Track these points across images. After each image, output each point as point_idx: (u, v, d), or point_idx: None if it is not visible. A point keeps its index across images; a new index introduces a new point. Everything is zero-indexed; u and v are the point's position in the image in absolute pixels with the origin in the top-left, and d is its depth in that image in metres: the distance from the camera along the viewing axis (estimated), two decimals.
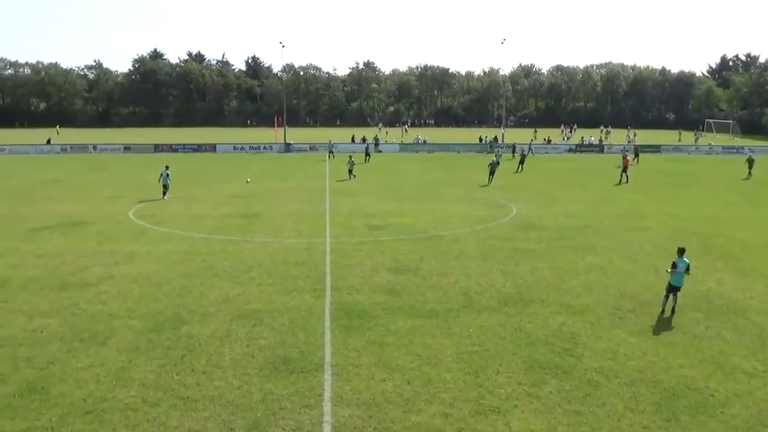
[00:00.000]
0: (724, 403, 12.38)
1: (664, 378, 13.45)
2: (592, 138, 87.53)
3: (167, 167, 38.50)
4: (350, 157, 51.67)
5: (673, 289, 17.26)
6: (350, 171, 49.12)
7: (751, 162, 52.89)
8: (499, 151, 63.55)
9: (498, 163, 47.97)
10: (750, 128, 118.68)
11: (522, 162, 56.75)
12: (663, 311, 17.41)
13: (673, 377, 13.50)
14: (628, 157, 50.02)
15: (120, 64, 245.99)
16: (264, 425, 11.32)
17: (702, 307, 18.08)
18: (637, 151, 65.62)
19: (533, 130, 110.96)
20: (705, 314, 17.52)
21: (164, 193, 37.54)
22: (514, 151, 69.36)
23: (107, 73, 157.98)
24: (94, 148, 77.64)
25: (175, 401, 12.20)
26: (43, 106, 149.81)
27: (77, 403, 12.12)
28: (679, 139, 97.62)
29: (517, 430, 11.26)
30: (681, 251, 17.67)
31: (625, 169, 47.85)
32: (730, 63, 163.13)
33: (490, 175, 46.75)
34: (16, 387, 12.77)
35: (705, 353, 14.83)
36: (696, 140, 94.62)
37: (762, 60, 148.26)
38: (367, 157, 62.32)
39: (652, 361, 14.35)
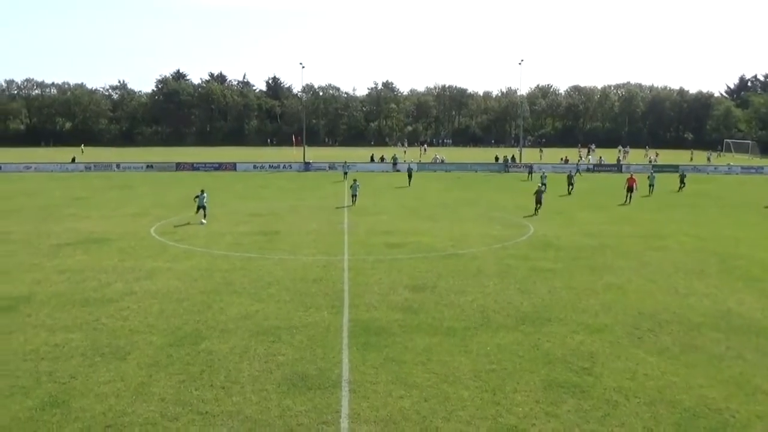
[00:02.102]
0: (745, 424, 12.16)
1: (683, 398, 13.25)
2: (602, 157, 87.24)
3: (203, 191, 36.59)
4: (354, 180, 46.18)
5: None
6: (354, 196, 43.95)
7: None
8: (544, 175, 55.39)
9: (544, 190, 41.49)
10: None
11: (571, 184, 54.08)
12: None
13: (693, 397, 13.29)
14: (633, 177, 49.08)
15: (144, 84, 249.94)
16: None
17: (722, 327, 17.82)
18: (683, 175, 59.48)
19: (539, 149, 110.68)
20: (725, 334, 17.26)
21: (204, 215, 35.53)
22: (530, 172, 69.26)
23: (131, 93, 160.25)
24: (118, 166, 78.64)
25: (194, 416, 12.21)
26: (68, 125, 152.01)
27: (97, 417, 12.16)
28: (691, 159, 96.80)
29: None
30: None
31: (630, 189, 47.00)
32: (749, 83, 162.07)
33: (537, 203, 40.04)
34: (38, 401, 12.85)
35: (725, 374, 14.59)
36: (708, 160, 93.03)
37: None
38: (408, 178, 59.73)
39: (671, 381, 14.14)
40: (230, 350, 15.68)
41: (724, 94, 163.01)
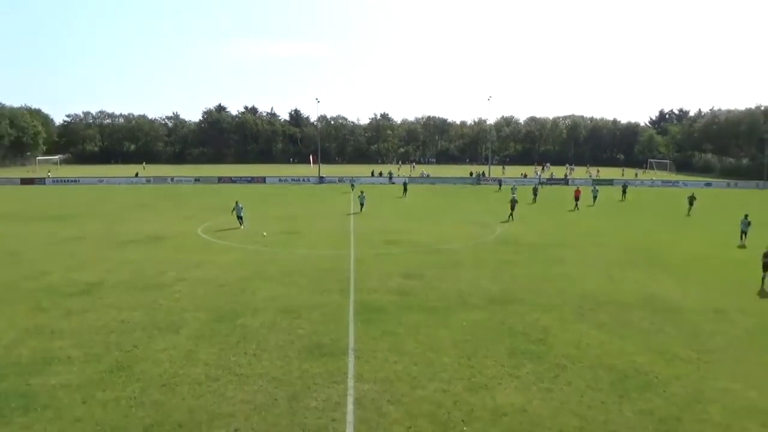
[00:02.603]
0: (666, 383, 12.15)
1: (617, 363, 13.23)
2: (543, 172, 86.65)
3: (237, 202, 34.38)
4: (362, 192, 45.12)
5: None
6: (361, 204, 42.88)
7: (691, 200, 44.78)
8: (515, 187, 56.87)
9: (516, 200, 40.14)
10: (683, 167, 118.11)
11: (535, 194, 53.56)
12: None
13: (625, 362, 13.27)
14: (579, 189, 49.61)
15: (192, 115, 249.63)
16: (301, 397, 11.24)
17: (648, 307, 17.81)
18: (625, 186, 59.29)
19: (502, 167, 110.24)
20: (650, 313, 17.25)
21: (241, 223, 33.54)
22: (500, 184, 69.43)
23: (182, 122, 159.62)
24: (172, 179, 78.40)
25: (232, 377, 12.16)
26: (132, 147, 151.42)
27: (155, 378, 12.11)
28: (622, 174, 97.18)
29: (501, 403, 11.10)
30: None
31: (576, 198, 47.15)
32: (667, 116, 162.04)
33: (511, 210, 39.32)
34: (107, 365, 12.81)
35: (650, 343, 14.58)
36: (636, 175, 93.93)
37: (691, 114, 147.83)
38: (403, 189, 58.37)
39: (608, 349, 14.13)
40: (260, 325, 15.63)
41: (648, 123, 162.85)
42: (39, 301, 17.81)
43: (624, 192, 57.49)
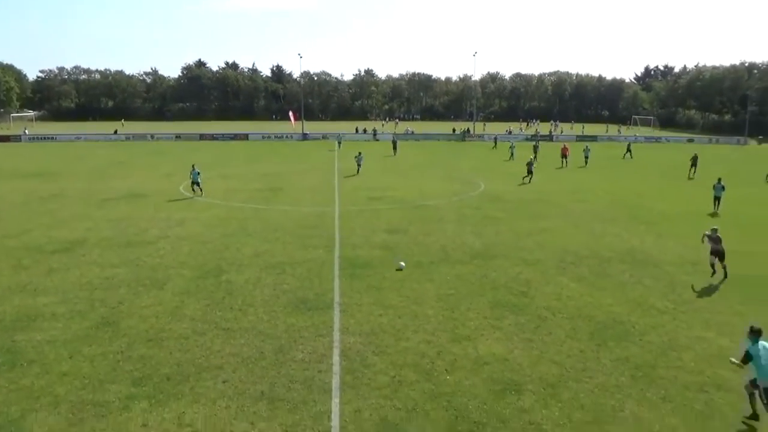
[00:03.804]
0: (642, 332, 12.53)
1: (596, 314, 13.58)
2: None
3: (194, 166, 30.26)
4: (359, 152, 41.46)
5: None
6: (358, 165, 40.03)
7: (695, 160, 40.66)
8: (513, 145, 52.75)
9: (533, 162, 36.73)
10: (667, 123, 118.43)
11: (535, 151, 50.11)
12: None
13: (603, 313, 13.63)
14: (566, 146, 48.48)
15: (171, 70, 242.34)
16: (287, 349, 11.42)
17: (627, 260, 18.18)
18: (629, 144, 56.56)
19: (483, 123, 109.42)
20: (629, 266, 17.63)
21: (194, 189, 29.51)
22: (496, 141, 66.56)
23: (161, 78, 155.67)
24: (152, 136, 76.92)
25: (218, 332, 12.28)
26: (110, 103, 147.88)
27: (141, 333, 12.19)
28: (606, 131, 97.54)
29: (483, 353, 11.39)
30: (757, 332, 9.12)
31: (564, 156, 46.33)
32: (652, 72, 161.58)
33: (528, 173, 36.03)
34: (93, 321, 12.83)
35: (629, 295, 14.96)
36: (619, 131, 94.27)
37: (677, 69, 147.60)
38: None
39: (587, 301, 14.47)
40: (246, 281, 15.70)
41: (633, 80, 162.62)
42: (20, 259, 17.65)
43: (628, 150, 54.52)
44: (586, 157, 46.95)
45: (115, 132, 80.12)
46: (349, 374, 10.41)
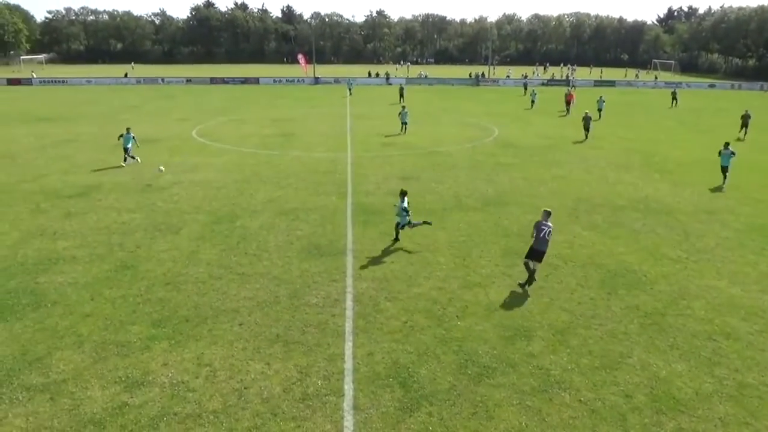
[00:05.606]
0: (653, 281, 12.58)
1: (608, 262, 13.61)
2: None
3: (129, 130, 24.39)
4: (403, 107, 34.79)
5: None
6: (403, 123, 32.98)
7: (745, 119, 34.92)
8: (535, 92, 50.26)
9: (590, 117, 32.17)
10: (689, 67, 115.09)
11: (568, 102, 45.31)
12: None
13: (615, 262, 13.66)
14: (572, 93, 46.65)
15: (180, 11, 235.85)
16: (301, 294, 11.63)
17: (641, 209, 18.06)
18: (675, 92, 53.30)
19: (492, 67, 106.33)
20: (643, 214, 17.52)
21: (125, 159, 23.96)
22: (525, 87, 62.91)
23: (170, 19, 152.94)
24: (162, 80, 76.03)
25: (234, 276, 12.51)
26: (119, 46, 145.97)
27: (159, 277, 12.45)
28: (625, 75, 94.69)
29: (494, 300, 11.53)
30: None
31: (568, 103, 44.74)
32: (675, 13, 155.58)
33: (585, 131, 31.70)
34: (112, 265, 13.11)
35: (641, 244, 14.93)
36: (636, 76, 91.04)
37: (701, 11, 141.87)
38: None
39: (599, 249, 14.48)
40: (260, 226, 15.85)
41: (655, 22, 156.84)
42: (38, 204, 17.91)
43: (674, 98, 51.57)
44: (600, 110, 41.63)
45: (126, 75, 79.29)
46: (361, 318, 10.62)
